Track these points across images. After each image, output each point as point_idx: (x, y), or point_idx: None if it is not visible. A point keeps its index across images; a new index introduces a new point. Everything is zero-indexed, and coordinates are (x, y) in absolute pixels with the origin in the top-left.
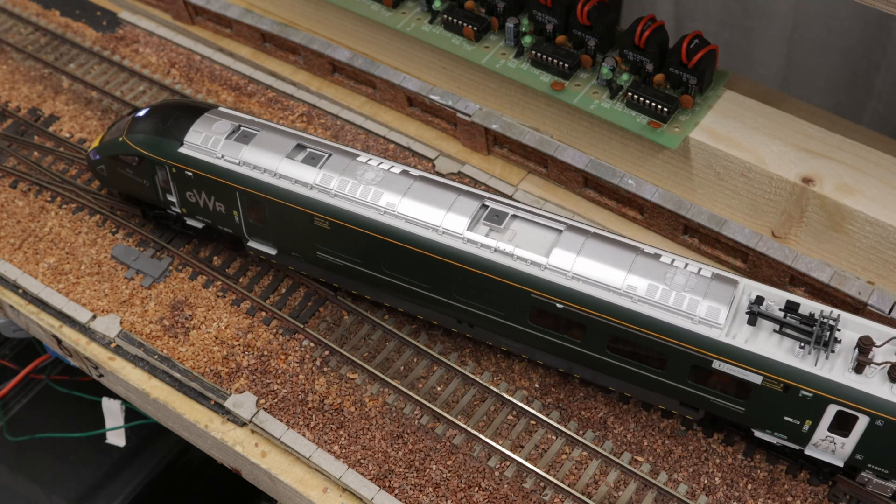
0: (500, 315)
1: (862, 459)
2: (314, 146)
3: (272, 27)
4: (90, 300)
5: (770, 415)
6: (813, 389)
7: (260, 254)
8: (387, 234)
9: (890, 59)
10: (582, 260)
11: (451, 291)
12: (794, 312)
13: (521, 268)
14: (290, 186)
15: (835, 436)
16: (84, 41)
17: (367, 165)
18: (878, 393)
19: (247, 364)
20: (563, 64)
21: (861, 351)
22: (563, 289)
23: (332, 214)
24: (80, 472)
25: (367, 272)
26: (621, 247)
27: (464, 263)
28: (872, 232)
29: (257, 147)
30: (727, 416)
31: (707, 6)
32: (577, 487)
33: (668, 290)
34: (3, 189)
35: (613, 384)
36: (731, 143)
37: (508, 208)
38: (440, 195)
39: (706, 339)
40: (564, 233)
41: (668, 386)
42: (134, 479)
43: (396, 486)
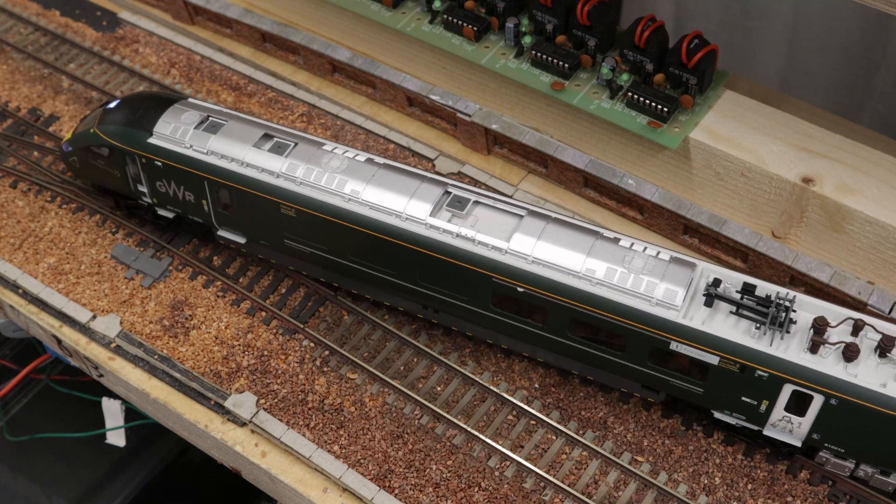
0: (464, 300)
1: (819, 439)
2: (281, 135)
3: (272, 27)
4: (90, 300)
5: (728, 395)
6: (768, 369)
7: (230, 243)
8: (351, 220)
9: (890, 59)
10: (542, 244)
11: (415, 277)
12: (750, 294)
13: (482, 253)
14: (256, 175)
15: (791, 416)
16: (84, 41)
17: (332, 154)
18: (833, 372)
19: (247, 364)
20: (563, 64)
21: (816, 331)
22: (524, 273)
23: (298, 202)
24: (80, 472)
25: (334, 259)
26: (581, 231)
27: (427, 249)
28: (872, 232)
29: (225, 136)
30: (687, 398)
31: (707, 6)
32: (577, 487)
33: (626, 273)
34: (3, 189)
35: (577, 368)
36: (731, 143)
37: (471, 195)
38: (404, 182)
39: (663, 320)
40: (525, 218)
41: (629, 368)
42: (134, 479)
43: (396, 486)
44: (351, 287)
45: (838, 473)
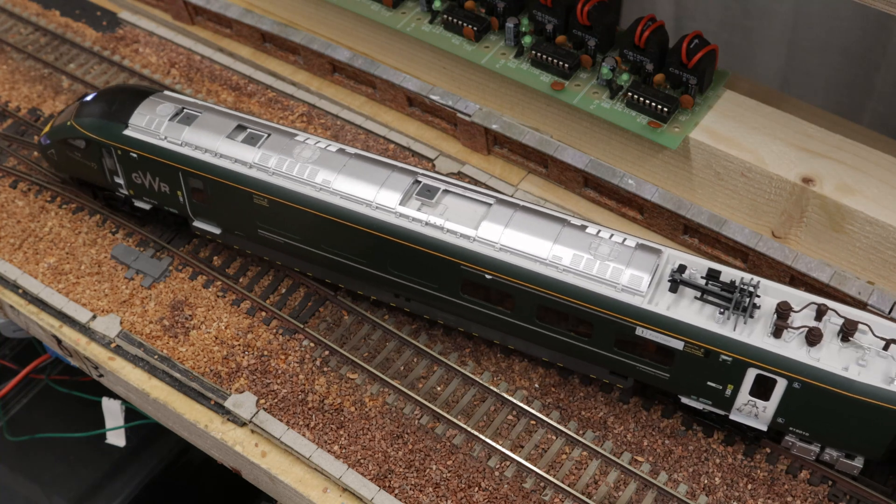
0: (434, 287)
1: (784, 423)
2: (254, 126)
3: (272, 27)
4: (90, 300)
5: (693, 380)
6: (732, 354)
7: (206, 234)
8: (322, 210)
9: (890, 59)
10: (509, 232)
11: (385, 265)
12: (715, 280)
13: (451, 240)
14: (230, 166)
15: (756, 399)
16: (84, 41)
17: (304, 144)
18: (796, 356)
19: (247, 364)
20: (563, 64)
21: (779, 316)
22: (492, 260)
23: (271, 192)
24: (80, 472)
25: (307, 249)
26: (548, 219)
27: (396, 237)
28: (872, 232)
29: (199, 128)
30: (654, 384)
31: (707, 6)
32: (577, 487)
33: (592, 260)
34: (3, 189)
35: (546, 354)
36: (731, 143)
37: (441, 183)
38: (374, 171)
39: (629, 306)
40: (494, 206)
41: (597, 354)
42: (134, 479)
43: (396, 486)
44: (325, 276)
45: (804, 457)
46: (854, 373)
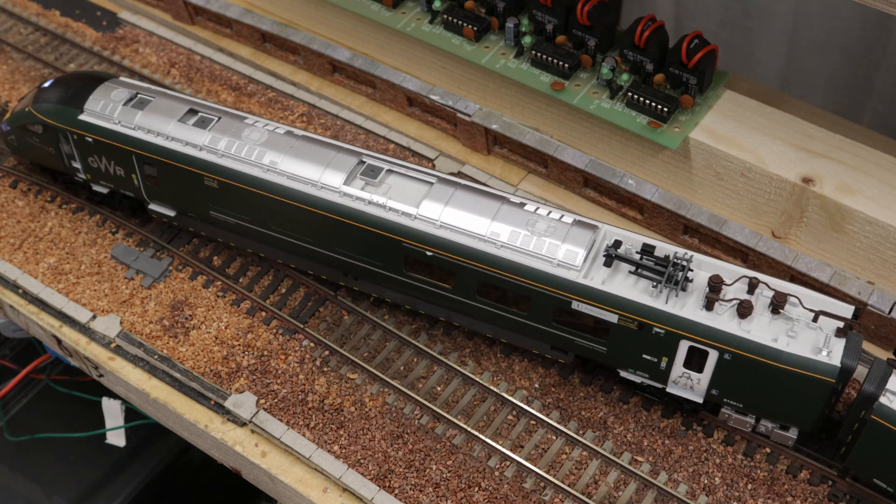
0: (379, 265)
1: (718, 394)
2: (205, 110)
3: (272, 27)
4: (90, 300)
5: (629, 353)
6: (664, 326)
7: (161, 216)
8: (270, 190)
9: (890, 59)
10: (450, 210)
11: (332, 244)
12: (649, 255)
13: (392, 218)
14: (181, 148)
15: (690, 372)
16: (84, 41)
17: (253, 127)
18: (727, 328)
19: (247, 364)
20: (563, 64)
21: (711, 289)
22: (432, 237)
23: (220, 174)
24: (80, 472)
25: (257, 229)
26: (488, 197)
27: (341, 216)
28: (872, 232)
29: (151, 112)
30: (593, 357)
31: (707, 6)
32: (577, 487)
33: (529, 236)
34: (3, 189)
35: (489, 330)
36: (731, 143)
37: (384, 163)
38: (320, 152)
39: (564, 280)
40: (435, 185)
41: (536, 329)
42: (134, 479)
43: (396, 486)
44: (277, 257)
45: (740, 429)
46: (783, 343)
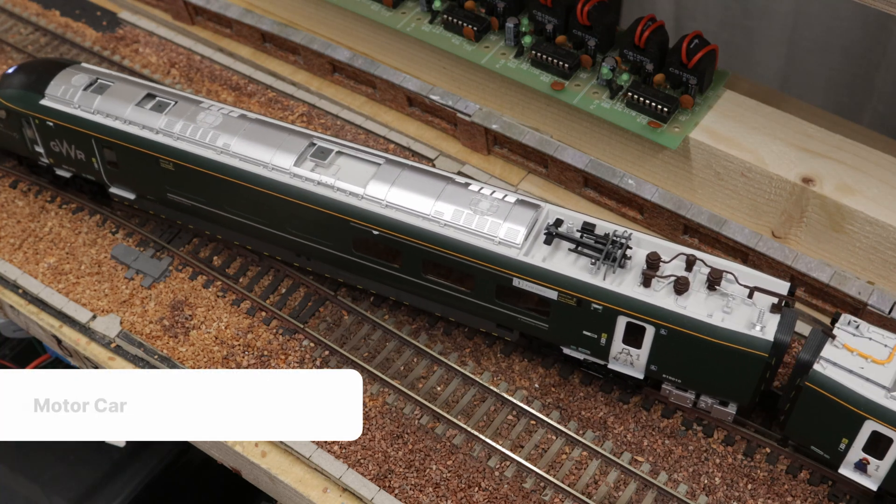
0: (328, 245)
1: (657, 370)
2: (162, 95)
3: (272, 27)
4: (90, 300)
5: (570, 330)
6: (602, 302)
7: (123, 200)
8: (223, 172)
9: (890, 59)
10: (396, 190)
11: (284, 225)
12: (590, 233)
13: (340, 198)
14: (138, 132)
15: (630, 348)
16: (84, 41)
17: (208, 110)
18: (663, 304)
19: (247, 364)
20: (563, 64)
21: (649, 266)
22: (378, 216)
23: (176, 156)
24: (80, 472)
25: (212, 210)
26: (434, 177)
27: (291, 197)
28: (872, 232)
29: (110, 96)
30: (537, 335)
31: (707, 6)
32: (577, 487)
33: (472, 215)
34: (3, 189)
35: (437, 309)
36: (731, 143)
37: (334, 145)
38: (272, 135)
39: (505, 258)
40: (383, 166)
41: (480, 307)
42: (134, 479)
43: (396, 486)
44: (232, 238)
45: (681, 405)
46: (718, 319)
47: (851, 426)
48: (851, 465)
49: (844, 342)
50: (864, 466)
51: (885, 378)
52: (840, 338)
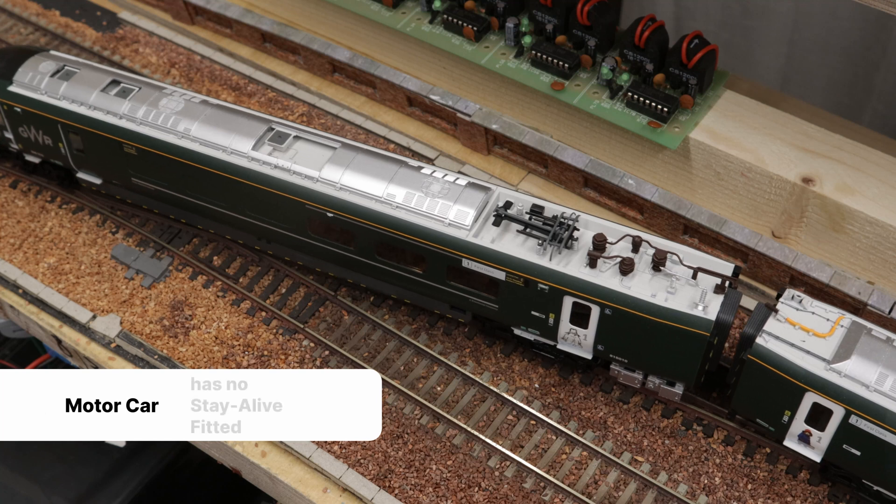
0: (286, 228)
1: (603, 350)
2: (127, 81)
3: (272, 27)
4: (90, 300)
5: (519, 310)
6: (549, 282)
7: (90, 185)
8: (184, 156)
9: (890, 59)
10: (350, 173)
11: (243, 208)
12: (538, 215)
13: (296, 181)
14: (102, 117)
15: (577, 328)
16: (84, 41)
17: (171, 96)
18: (608, 285)
19: (247, 364)
20: (563, 64)
21: (595, 247)
22: (332, 199)
23: (138, 141)
24: (80, 472)
25: (174, 194)
26: (387, 161)
27: (249, 180)
28: (872, 232)
29: (76, 83)
30: (487, 315)
31: (707, 6)
32: (577, 487)
33: (423, 197)
34: (3, 189)
35: (392, 291)
36: (731, 143)
37: (292, 130)
38: (232, 120)
39: (455, 239)
40: (339, 150)
41: (432, 288)
42: (134, 479)
43: (396, 486)
44: (196, 223)
45: (630, 385)
46: (661, 299)
47: (793, 398)
48: (795, 437)
49: (787, 316)
50: (808, 438)
51: (826, 351)
52: (783, 312)
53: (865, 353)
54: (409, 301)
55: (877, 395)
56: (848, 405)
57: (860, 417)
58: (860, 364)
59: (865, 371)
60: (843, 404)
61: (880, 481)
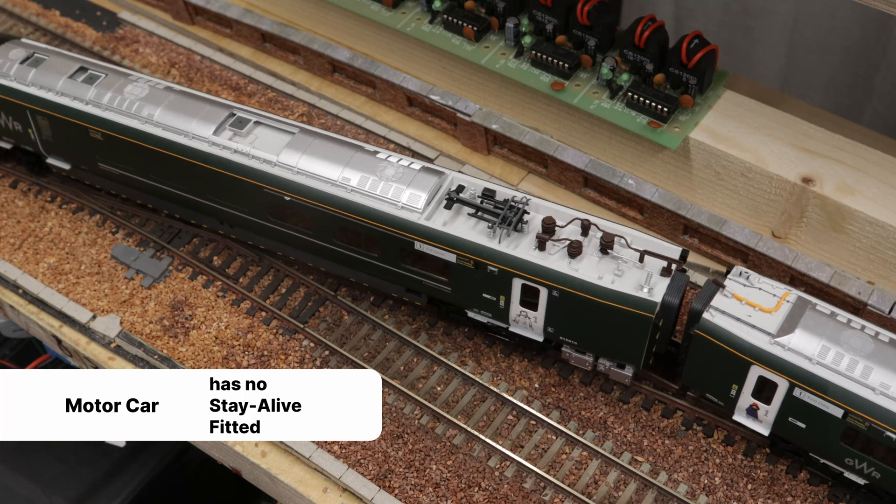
0: (246, 212)
1: (553, 332)
2: (94, 68)
3: (272, 27)
4: (90, 300)
5: (471, 292)
6: (498, 265)
7: (60, 170)
8: (147, 141)
9: (890, 59)
10: (307, 157)
11: (205, 192)
12: (490, 199)
13: (255, 166)
14: (69, 103)
15: (527, 310)
16: (84, 41)
17: (136, 83)
18: (556, 267)
19: (247, 364)
20: (563, 64)
21: (544, 230)
22: (288, 182)
23: (103, 126)
24: (80, 472)
25: (139, 179)
26: (344, 145)
27: (210, 164)
28: (872, 232)
29: (45, 69)
30: (441, 298)
31: (707, 6)
32: (577, 487)
33: (377, 181)
34: (3, 189)
35: (350, 274)
36: (731, 143)
37: (253, 116)
38: (194, 106)
39: (407, 222)
40: (297, 135)
41: (388, 271)
42: (134, 479)
43: (396, 486)
44: (161, 207)
45: (581, 367)
46: (607, 281)
47: (739, 372)
48: (743, 411)
49: (734, 292)
50: (755, 412)
51: (771, 325)
52: (730, 288)
53: (809, 326)
54: (367, 285)
55: (819, 367)
56: (791, 378)
57: (803, 390)
58: (804, 337)
59: (808, 344)
60: (787, 377)
61: (825, 453)
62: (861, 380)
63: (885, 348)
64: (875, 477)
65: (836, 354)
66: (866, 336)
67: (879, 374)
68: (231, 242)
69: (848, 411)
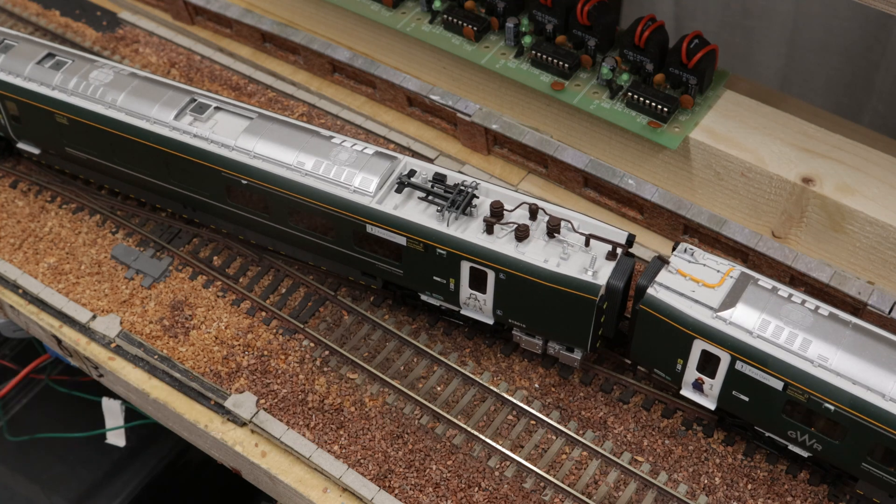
0: (206, 195)
1: (502, 315)
2: (61, 54)
3: (272, 27)
4: (90, 300)
5: (422, 275)
6: (446, 247)
7: (31, 155)
8: (111, 125)
9: (890, 59)
10: (263, 142)
11: (167, 176)
12: (441, 183)
13: (214, 150)
14: (36, 88)
15: (476, 293)
16: (84, 41)
17: (101, 69)
18: (503, 250)
19: (247, 364)
20: (563, 64)
21: (492, 214)
22: (245, 166)
23: (69, 111)
24: (80, 472)
25: (105, 163)
26: (300, 130)
27: (171, 149)
28: (872, 232)
29: (13, 56)
30: (394, 281)
31: (707, 6)
32: (577, 487)
33: (331, 165)
34: (3, 189)
35: (309, 258)
36: (731, 143)
37: (213, 101)
38: (157, 91)
39: (358, 205)
40: (255, 120)
41: (342, 254)
42: (134, 479)
43: (396, 486)
44: (128, 191)
45: (531, 351)
46: (553, 264)
47: (683, 346)
48: (690, 385)
49: (679, 268)
50: (701, 386)
51: (714, 300)
52: (675, 264)
53: (750, 301)
54: (324, 268)
55: (759, 340)
56: (733, 351)
57: (745, 363)
58: (745, 311)
59: (749, 318)
60: (729, 350)
61: (768, 426)
62: (800, 352)
63: (824, 322)
64: (817, 449)
65: (776, 328)
66: (806, 310)
67: (818, 346)
68: (231, 242)
69: (788, 383)
